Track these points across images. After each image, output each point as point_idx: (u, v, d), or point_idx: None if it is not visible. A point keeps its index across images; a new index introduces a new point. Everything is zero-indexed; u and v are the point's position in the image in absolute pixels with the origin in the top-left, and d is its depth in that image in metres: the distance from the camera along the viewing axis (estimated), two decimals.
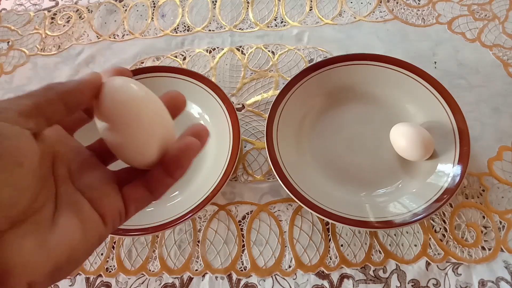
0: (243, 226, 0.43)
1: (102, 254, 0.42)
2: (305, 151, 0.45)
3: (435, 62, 0.51)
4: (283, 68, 0.52)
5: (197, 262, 0.41)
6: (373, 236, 0.41)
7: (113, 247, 0.43)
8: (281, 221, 0.43)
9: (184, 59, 0.55)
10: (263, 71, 0.52)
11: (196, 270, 0.41)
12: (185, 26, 0.58)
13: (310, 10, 0.57)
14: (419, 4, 0.56)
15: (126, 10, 0.61)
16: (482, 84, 0.48)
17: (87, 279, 0.41)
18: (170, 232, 0.43)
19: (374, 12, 0.56)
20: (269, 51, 0.54)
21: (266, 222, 0.43)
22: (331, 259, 0.40)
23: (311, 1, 0.58)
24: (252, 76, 0.52)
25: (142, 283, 0.41)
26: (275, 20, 0.57)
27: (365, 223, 0.38)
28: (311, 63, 0.48)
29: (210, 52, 0.55)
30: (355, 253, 0.40)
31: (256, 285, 0.40)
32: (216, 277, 0.40)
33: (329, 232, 0.42)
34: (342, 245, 0.41)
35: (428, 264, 0.39)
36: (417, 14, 0.55)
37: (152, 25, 0.59)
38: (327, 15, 0.57)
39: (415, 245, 0.40)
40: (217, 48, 0.55)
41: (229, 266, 0.41)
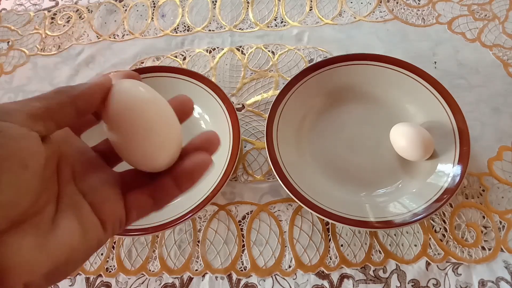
0: (243, 226, 0.43)
1: (102, 254, 0.42)
2: (305, 151, 0.45)
3: (435, 62, 0.51)
4: (283, 68, 0.52)
5: (197, 262, 0.41)
6: (373, 236, 0.41)
7: (113, 247, 0.43)
8: (281, 221, 0.43)
9: (184, 59, 0.55)
10: (263, 71, 0.52)
11: (196, 270, 0.41)
12: (185, 26, 0.58)
13: (310, 10, 0.57)
14: (419, 4, 0.56)
15: (126, 10, 0.61)
16: (482, 84, 0.48)
17: (87, 279, 0.41)
18: (170, 232, 0.43)
19: (374, 12, 0.56)
20: (269, 51, 0.54)
21: (266, 222, 0.43)
22: (331, 259, 0.40)
23: (311, 1, 0.58)
24: (252, 76, 0.52)
25: (142, 283, 0.41)
26: (275, 20, 0.57)
27: (365, 223, 0.38)
28: (311, 63, 0.48)
29: (210, 52, 0.55)
30: (355, 253, 0.40)
31: (256, 285, 0.40)
32: (216, 277, 0.40)
33: (329, 232, 0.42)
34: (342, 245, 0.41)
35: (428, 264, 0.39)
36: (417, 14, 0.55)
37: (152, 25, 0.59)
38: (327, 15, 0.57)
39: (415, 245, 0.40)
40: (217, 48, 0.55)
41: (229, 266, 0.41)
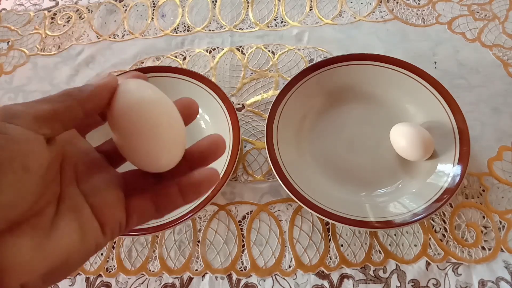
0: (243, 226, 0.43)
1: (102, 254, 0.42)
2: (305, 151, 0.45)
3: (435, 62, 0.51)
4: (283, 68, 0.52)
5: (197, 262, 0.41)
6: (373, 236, 0.41)
7: (113, 247, 0.43)
8: (281, 221, 0.43)
9: (184, 59, 0.55)
10: (263, 71, 0.52)
11: (196, 270, 0.41)
12: (185, 26, 0.58)
13: (310, 10, 0.57)
14: (419, 4, 0.56)
15: (126, 10, 0.61)
16: (482, 84, 0.48)
17: (87, 279, 0.41)
18: (170, 232, 0.43)
19: (374, 12, 0.56)
20: (269, 51, 0.54)
21: (266, 222, 0.43)
22: (331, 259, 0.40)
23: (311, 1, 0.58)
24: (252, 76, 0.52)
25: (142, 283, 0.41)
26: (275, 20, 0.57)
27: (365, 223, 0.38)
28: (311, 63, 0.48)
29: (210, 52, 0.55)
30: (355, 253, 0.40)
31: (256, 285, 0.40)
32: (216, 277, 0.40)
33: (329, 232, 0.42)
34: (342, 245, 0.41)
35: (428, 264, 0.39)
36: (417, 14, 0.55)
37: (152, 25, 0.59)
38: (327, 15, 0.57)
39: (415, 245, 0.40)
40: (217, 48, 0.55)
41: (229, 266, 0.41)
